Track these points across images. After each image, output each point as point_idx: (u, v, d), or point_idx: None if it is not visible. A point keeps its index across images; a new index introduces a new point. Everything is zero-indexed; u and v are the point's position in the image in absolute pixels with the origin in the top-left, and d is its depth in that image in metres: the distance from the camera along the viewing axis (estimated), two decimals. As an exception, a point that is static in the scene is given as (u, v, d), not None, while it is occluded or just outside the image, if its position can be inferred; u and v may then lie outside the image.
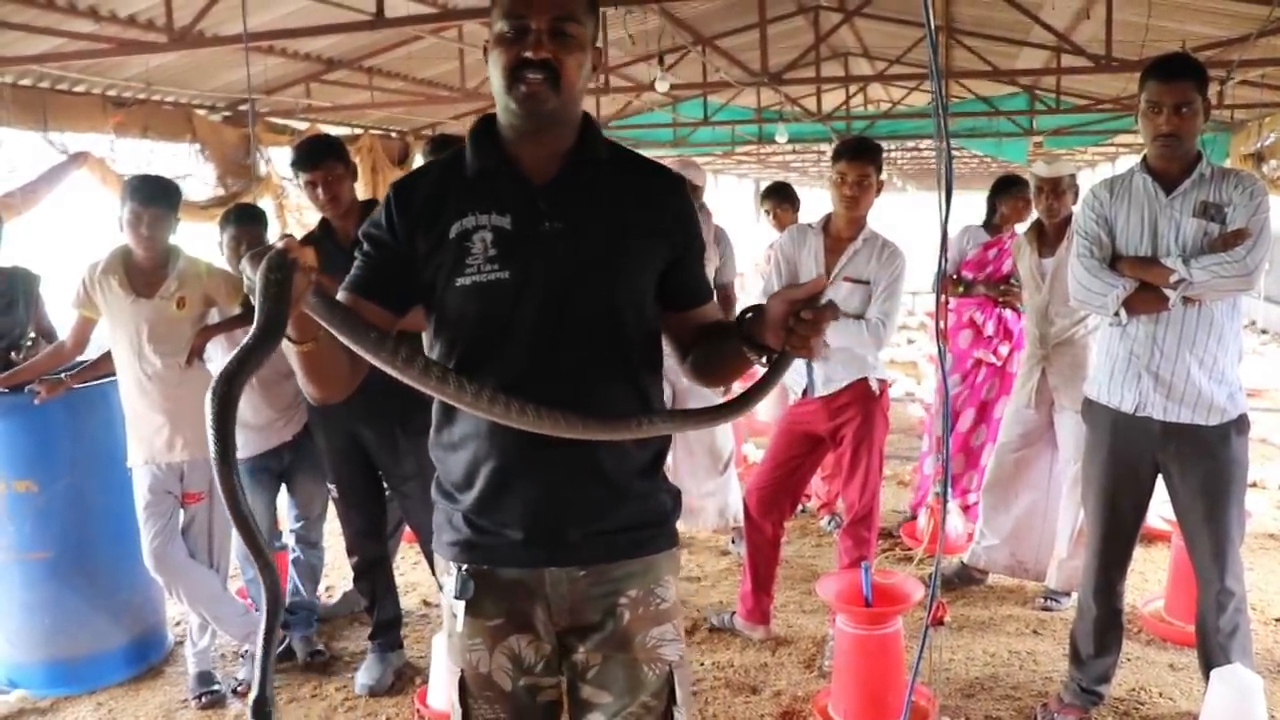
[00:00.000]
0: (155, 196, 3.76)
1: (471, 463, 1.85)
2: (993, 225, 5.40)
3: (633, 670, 1.89)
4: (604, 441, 1.81)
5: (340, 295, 1.83)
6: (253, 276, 1.54)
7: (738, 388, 3.43)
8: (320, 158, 3.70)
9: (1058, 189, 4.40)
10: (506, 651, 1.90)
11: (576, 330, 1.78)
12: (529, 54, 1.73)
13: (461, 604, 1.88)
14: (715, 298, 2.02)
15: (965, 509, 5.29)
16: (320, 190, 3.70)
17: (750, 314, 1.79)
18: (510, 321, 1.79)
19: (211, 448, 1.47)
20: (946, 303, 5.13)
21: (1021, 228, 5.08)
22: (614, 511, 1.86)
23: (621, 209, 1.85)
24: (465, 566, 1.89)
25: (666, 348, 1.97)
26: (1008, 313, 5.25)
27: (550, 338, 1.77)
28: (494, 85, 1.80)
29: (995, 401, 5.28)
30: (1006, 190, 5.38)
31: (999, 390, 5.27)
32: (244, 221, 4.15)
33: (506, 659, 1.91)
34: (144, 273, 3.82)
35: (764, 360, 1.79)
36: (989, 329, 5.27)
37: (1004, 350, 5.28)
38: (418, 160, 11.29)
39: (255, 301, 1.54)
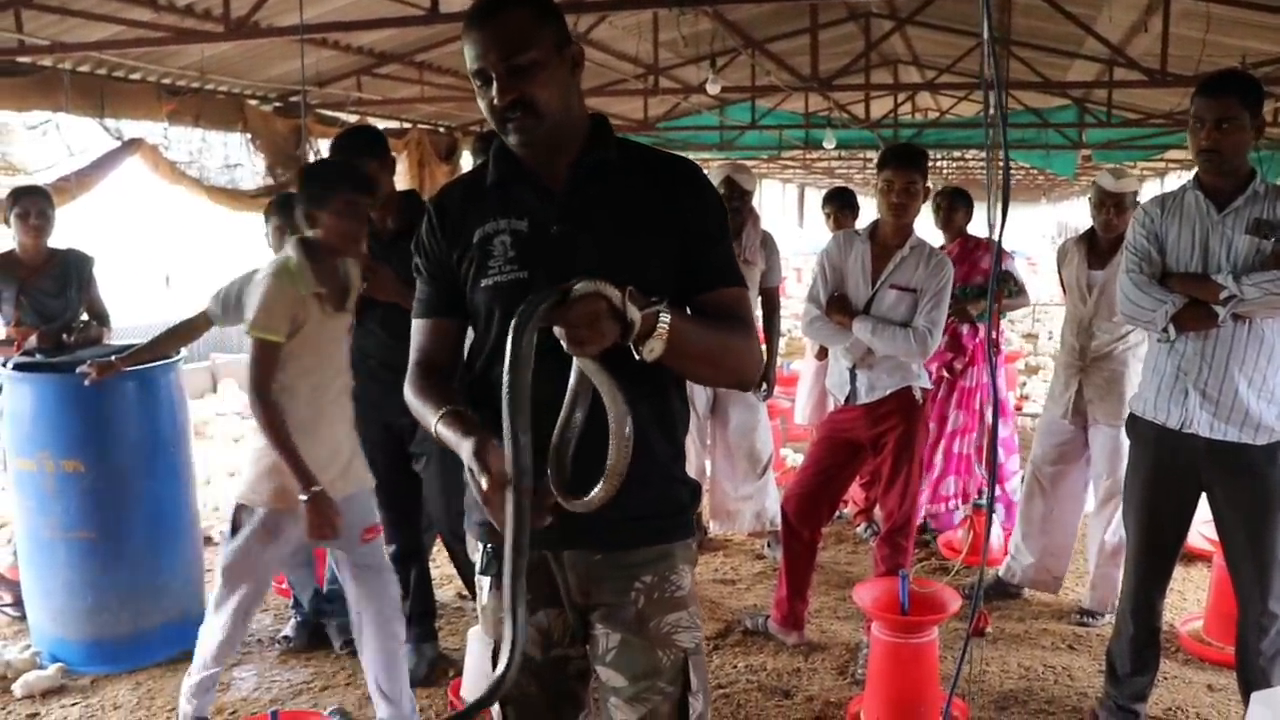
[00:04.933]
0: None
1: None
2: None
3: (648, 655, 1.96)
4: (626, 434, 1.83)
5: (415, 321, 2.01)
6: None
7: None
8: (355, 154, 3.70)
9: (1121, 205, 4.32)
10: (536, 625, 2.00)
11: None
12: (496, 102, 1.83)
13: (487, 579, 2.02)
14: (748, 296, 2.02)
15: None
16: None
17: None
18: None
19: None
20: (997, 312, 5.10)
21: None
22: (632, 500, 1.87)
23: (630, 205, 1.93)
24: (490, 545, 1.99)
25: None
26: (964, 327, 5.23)
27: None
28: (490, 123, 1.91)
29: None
30: (958, 201, 5.52)
31: (953, 404, 5.31)
32: (288, 211, 4.18)
33: (536, 631, 2.00)
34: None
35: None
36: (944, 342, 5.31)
37: (957, 366, 5.26)
38: (465, 155, 11.39)
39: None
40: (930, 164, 4.12)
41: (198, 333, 4.28)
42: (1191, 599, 4.78)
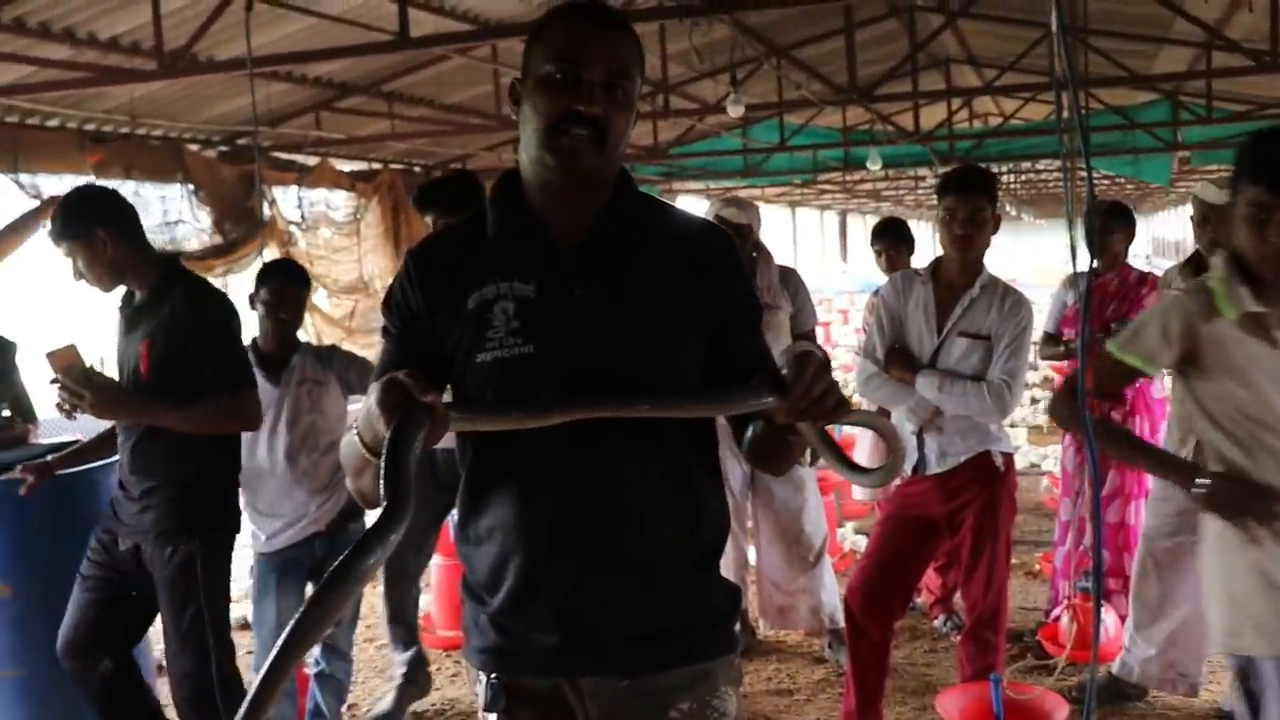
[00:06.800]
0: None
1: (499, 558, 1.94)
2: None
3: None
4: (646, 534, 1.91)
5: (372, 385, 1.93)
6: (380, 420, 1.68)
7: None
8: (61, 233, 3.60)
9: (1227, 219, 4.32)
10: None
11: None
12: (580, 107, 1.83)
13: (493, 716, 1.98)
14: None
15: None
16: (79, 264, 3.62)
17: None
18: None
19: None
20: (1090, 362, 5.05)
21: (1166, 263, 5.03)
22: (659, 611, 1.92)
23: (659, 272, 1.93)
24: (494, 675, 1.96)
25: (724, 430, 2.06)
26: None
27: (581, 419, 1.81)
28: (526, 132, 1.89)
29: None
30: (1115, 222, 5.36)
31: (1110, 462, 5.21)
32: (286, 279, 4.25)
33: None
34: None
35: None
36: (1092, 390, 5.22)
37: (1115, 417, 5.21)
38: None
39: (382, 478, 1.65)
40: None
41: None
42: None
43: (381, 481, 1.62)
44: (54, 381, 3.47)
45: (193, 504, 3.61)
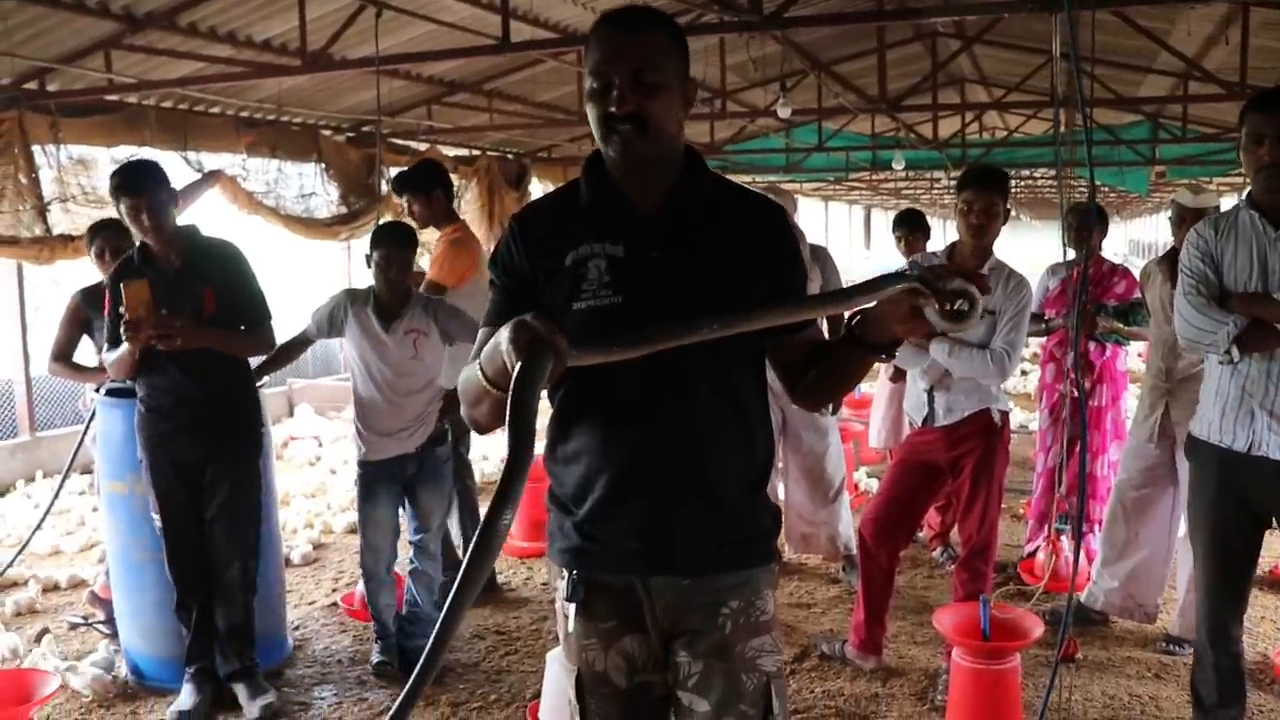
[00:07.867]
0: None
1: (585, 477, 1.95)
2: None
3: (731, 679, 1.96)
4: (710, 460, 1.92)
5: (483, 330, 1.95)
6: (511, 355, 1.62)
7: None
8: (144, 184, 3.64)
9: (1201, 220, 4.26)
10: (621, 651, 2.01)
11: (683, 352, 1.82)
12: (614, 109, 1.83)
13: (572, 606, 2.00)
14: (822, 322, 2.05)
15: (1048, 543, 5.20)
16: (145, 217, 3.66)
17: (856, 318, 1.85)
18: None
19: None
20: (1084, 337, 5.00)
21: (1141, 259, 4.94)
22: (717, 527, 1.95)
23: (724, 239, 1.94)
24: (575, 572, 1.99)
25: (772, 376, 2.05)
26: (1090, 345, 5.13)
27: (659, 359, 1.81)
28: (594, 132, 1.90)
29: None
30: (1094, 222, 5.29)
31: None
32: (396, 243, 4.21)
33: (621, 658, 2.01)
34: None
35: (885, 357, 1.85)
36: (1070, 362, 5.16)
37: (1087, 385, 5.15)
38: (534, 181, 11.53)
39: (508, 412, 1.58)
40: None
41: (299, 351, 4.46)
42: (1285, 626, 4.66)
43: (507, 427, 1.57)
44: (127, 311, 3.53)
45: (253, 413, 4.03)
